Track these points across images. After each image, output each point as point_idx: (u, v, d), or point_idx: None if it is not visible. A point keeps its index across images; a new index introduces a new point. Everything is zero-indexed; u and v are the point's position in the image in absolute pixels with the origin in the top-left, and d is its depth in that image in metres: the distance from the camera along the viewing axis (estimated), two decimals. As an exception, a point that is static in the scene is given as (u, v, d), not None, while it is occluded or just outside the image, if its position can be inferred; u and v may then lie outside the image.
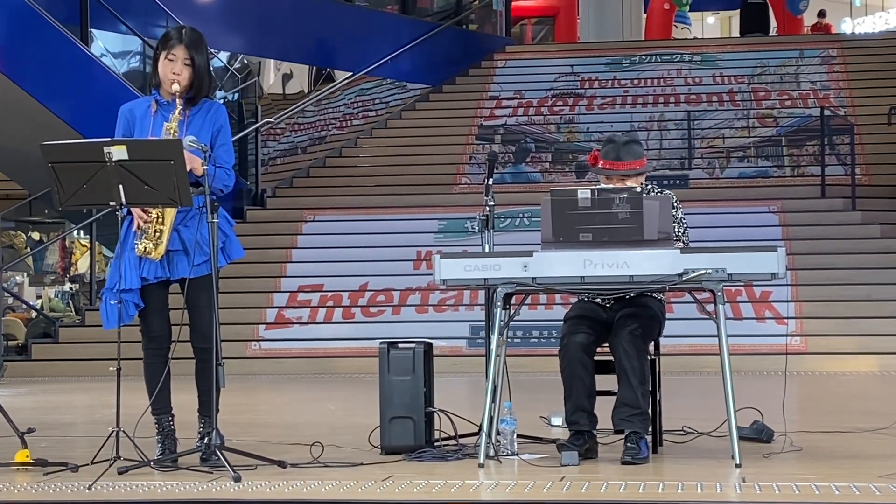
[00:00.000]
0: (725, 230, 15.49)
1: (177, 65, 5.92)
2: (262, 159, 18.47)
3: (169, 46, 5.93)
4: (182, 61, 5.92)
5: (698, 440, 6.69)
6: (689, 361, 13.19)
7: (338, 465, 5.87)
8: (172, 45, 5.93)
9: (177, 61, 5.92)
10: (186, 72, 5.92)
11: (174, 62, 5.92)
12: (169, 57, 5.93)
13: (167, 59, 5.93)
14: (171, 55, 5.93)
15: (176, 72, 5.91)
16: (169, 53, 5.93)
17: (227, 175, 5.92)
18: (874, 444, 6.70)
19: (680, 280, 5.78)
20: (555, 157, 19.12)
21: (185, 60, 5.92)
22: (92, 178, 5.60)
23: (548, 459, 5.97)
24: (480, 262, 5.96)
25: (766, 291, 14.62)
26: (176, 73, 5.91)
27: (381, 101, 22.20)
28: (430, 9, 23.09)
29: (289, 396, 11.65)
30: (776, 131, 19.21)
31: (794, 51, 21.81)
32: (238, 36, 19.23)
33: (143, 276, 5.88)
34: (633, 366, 5.97)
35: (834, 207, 16.75)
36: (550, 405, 7.55)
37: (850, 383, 12.14)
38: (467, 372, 13.20)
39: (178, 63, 5.92)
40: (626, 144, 6.35)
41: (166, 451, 5.94)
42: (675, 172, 18.22)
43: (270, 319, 15.14)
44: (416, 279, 15.42)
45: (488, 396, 5.94)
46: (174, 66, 5.92)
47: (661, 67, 21.50)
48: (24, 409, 9.72)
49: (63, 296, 20.53)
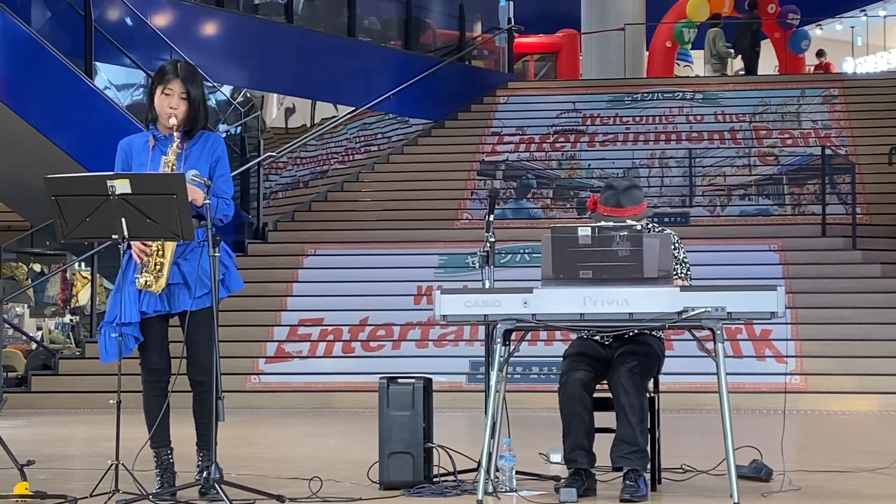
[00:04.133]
0: (726, 268, 15.50)
1: (173, 99, 5.95)
2: (263, 193, 18.51)
3: (165, 81, 5.97)
4: (178, 95, 5.95)
5: (697, 478, 6.69)
6: (688, 399, 13.17)
7: (336, 500, 5.87)
8: (168, 80, 5.96)
9: (173, 95, 5.96)
10: (183, 105, 5.96)
11: (171, 96, 5.96)
12: (165, 91, 5.96)
13: (163, 94, 5.97)
14: (168, 89, 5.96)
15: (173, 106, 5.95)
16: (165, 88, 5.96)
17: (227, 205, 5.95)
18: (873, 483, 6.69)
19: (679, 318, 5.79)
20: (556, 194, 19.14)
21: (182, 94, 5.95)
22: (95, 211, 5.62)
23: (547, 496, 5.97)
24: (481, 298, 5.97)
25: (766, 329, 14.61)
26: (173, 107, 5.95)
27: (383, 135, 22.26)
28: (433, 44, 23.17)
29: (288, 430, 11.64)
30: (777, 170, 19.24)
31: (795, 90, 21.87)
32: (241, 70, 19.30)
33: (143, 309, 5.89)
34: (631, 403, 5.97)
35: (834, 246, 16.76)
36: (549, 442, 7.54)
37: (849, 422, 12.12)
38: (467, 408, 13.18)
39: (174, 97, 5.95)
40: (626, 190, 6.35)
41: (165, 484, 5.94)
42: (675, 210, 18.24)
43: (270, 353, 15.13)
44: (417, 314, 15.42)
45: (487, 432, 5.95)
46: (171, 101, 5.95)
47: (662, 105, 21.56)
48: (24, 441, 9.71)
49: (63, 328, 20.52)
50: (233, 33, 18.92)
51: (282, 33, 19.64)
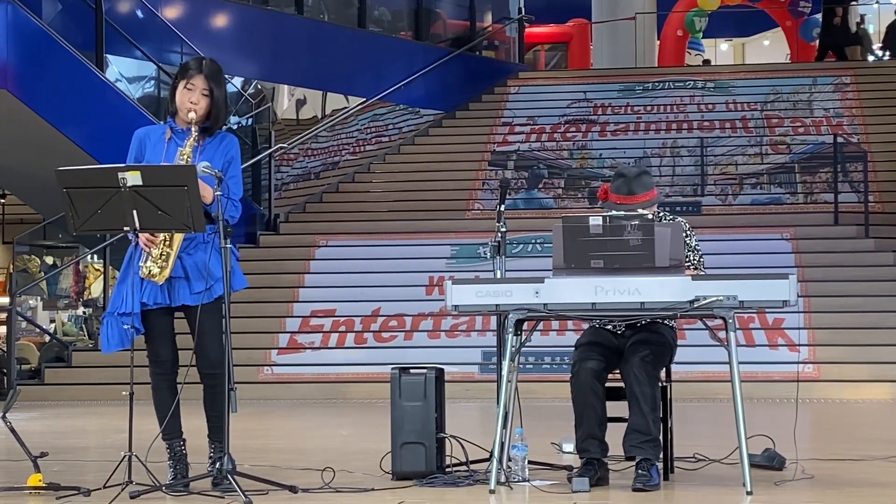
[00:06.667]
0: (738, 257, 15.49)
1: (195, 94, 5.95)
2: (275, 184, 18.51)
3: (188, 76, 5.97)
4: (200, 91, 5.95)
5: (709, 467, 6.68)
6: (700, 388, 13.17)
7: (349, 490, 5.87)
8: (192, 75, 5.96)
9: (195, 91, 5.95)
10: (204, 102, 5.96)
11: (192, 91, 5.95)
12: (188, 86, 5.96)
13: (185, 88, 5.96)
14: (190, 84, 5.96)
15: (193, 101, 5.95)
16: (188, 83, 5.96)
17: (235, 207, 5.93)
18: (886, 472, 6.68)
19: (691, 307, 5.78)
20: (567, 184, 19.13)
21: (204, 91, 5.95)
22: (106, 203, 5.62)
23: (559, 486, 5.97)
24: (492, 288, 5.97)
25: (778, 318, 14.60)
26: (193, 102, 5.94)
27: (394, 126, 22.24)
28: (444, 35, 23.15)
29: (300, 421, 11.65)
30: (789, 158, 19.20)
31: (807, 78, 21.82)
32: (252, 61, 19.29)
33: (144, 300, 5.89)
34: (644, 392, 5.97)
35: (847, 235, 16.72)
36: (562, 431, 7.54)
37: (862, 411, 12.11)
38: (479, 398, 13.19)
39: (196, 93, 5.95)
40: (637, 177, 6.33)
41: (178, 475, 5.95)
42: (687, 199, 18.22)
43: (283, 344, 15.15)
44: (429, 305, 15.43)
45: (500, 422, 5.95)
46: (192, 96, 5.95)
47: (674, 94, 21.52)
48: (37, 434, 9.73)
49: (76, 320, 20.53)
50: (243, 25, 18.92)
51: (292, 25, 19.64)
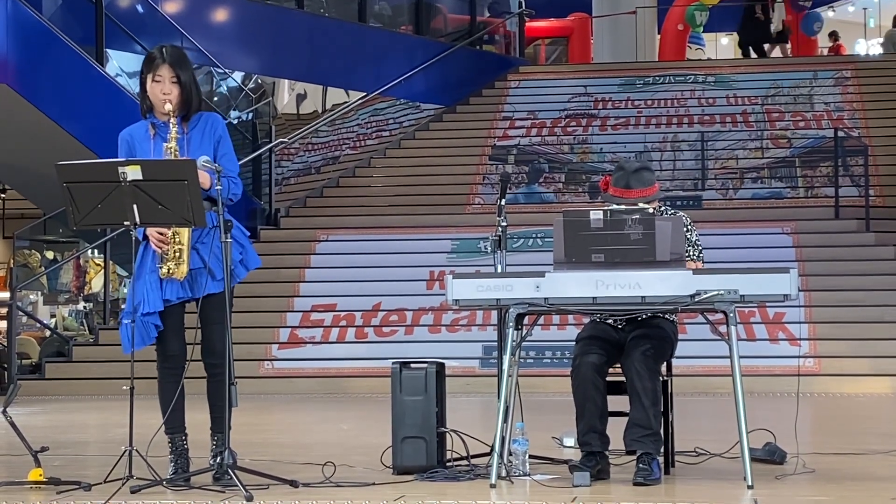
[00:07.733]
0: (739, 251, 15.48)
1: (165, 85, 5.96)
2: (275, 179, 18.52)
3: (154, 68, 5.98)
4: (169, 80, 5.96)
5: (710, 461, 6.68)
6: (701, 382, 13.17)
7: (350, 484, 5.88)
8: (157, 66, 5.97)
9: (164, 81, 5.96)
10: (175, 90, 5.97)
11: (161, 82, 5.97)
12: (156, 78, 5.97)
13: (154, 81, 5.98)
14: (158, 76, 5.97)
15: (165, 92, 5.96)
16: (155, 75, 5.98)
17: (235, 184, 5.97)
18: (888, 466, 6.68)
19: (692, 301, 5.78)
20: (568, 178, 19.12)
21: (172, 79, 5.96)
22: (106, 197, 5.63)
23: (560, 480, 5.97)
24: (493, 283, 5.96)
25: (779, 313, 14.60)
26: (165, 93, 5.96)
27: (394, 121, 22.24)
28: (444, 29, 23.14)
29: (301, 416, 11.66)
30: (790, 152, 19.19)
31: (807, 72, 21.81)
32: (252, 56, 19.29)
33: (166, 297, 5.90)
34: (645, 386, 5.97)
35: (847, 229, 16.72)
36: (562, 426, 7.55)
37: (863, 405, 12.11)
38: (480, 392, 13.19)
39: (165, 83, 5.96)
40: (637, 172, 6.31)
41: (179, 470, 5.95)
42: (688, 193, 18.22)
43: (283, 339, 15.15)
44: (429, 299, 15.43)
45: (500, 417, 5.95)
46: (163, 87, 5.96)
47: (674, 88, 21.52)
48: (38, 428, 9.73)
49: (77, 315, 20.56)
50: (244, 19, 18.91)
51: (292, 19, 19.63)
